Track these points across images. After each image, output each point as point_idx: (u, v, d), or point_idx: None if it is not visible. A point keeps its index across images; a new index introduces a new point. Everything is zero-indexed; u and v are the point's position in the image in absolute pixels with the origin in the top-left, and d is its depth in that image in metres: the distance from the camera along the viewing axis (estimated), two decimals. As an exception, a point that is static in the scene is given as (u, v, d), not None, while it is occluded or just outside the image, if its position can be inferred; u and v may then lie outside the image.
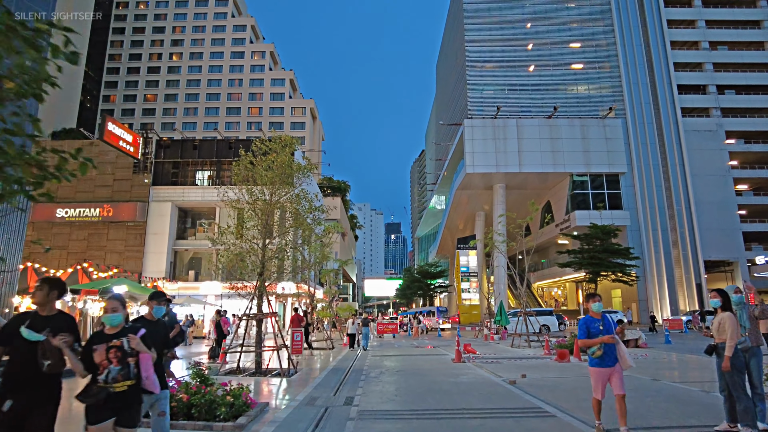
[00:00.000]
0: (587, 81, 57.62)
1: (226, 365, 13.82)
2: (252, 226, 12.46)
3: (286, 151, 12.76)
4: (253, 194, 12.33)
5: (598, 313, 6.01)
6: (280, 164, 12.35)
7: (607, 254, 43.34)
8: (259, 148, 13.03)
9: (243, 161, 12.66)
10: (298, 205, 12.70)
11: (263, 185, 12.32)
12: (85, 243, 30.93)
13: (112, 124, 28.66)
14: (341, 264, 31.62)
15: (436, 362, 14.70)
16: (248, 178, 12.60)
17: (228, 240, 12.44)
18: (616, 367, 5.92)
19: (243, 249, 12.38)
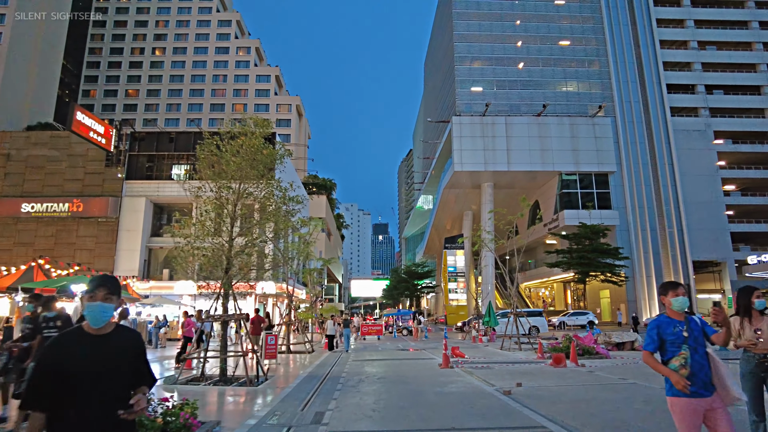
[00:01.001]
0: (577, 79, 57.05)
1: (192, 371, 12.54)
2: (216, 217, 11.18)
3: (257, 134, 11.50)
4: (218, 182, 11.06)
5: (681, 312, 3.66)
6: (249, 148, 11.09)
7: (596, 254, 42.67)
8: (228, 132, 11.78)
9: (207, 145, 11.38)
10: (269, 197, 11.42)
11: (230, 172, 11.05)
12: (53, 240, 29.25)
13: (82, 113, 27.06)
14: (325, 263, 30.33)
15: (421, 367, 13.53)
16: (213, 164, 11.32)
17: (189, 233, 11.15)
18: (714, 398, 3.51)
19: (206, 245, 11.07)
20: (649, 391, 8.81)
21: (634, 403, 7.73)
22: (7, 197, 29.45)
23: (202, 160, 11.47)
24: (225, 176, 11.05)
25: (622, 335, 18.75)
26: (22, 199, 29.26)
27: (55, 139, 30.60)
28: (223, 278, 11.08)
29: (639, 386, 9.41)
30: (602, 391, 8.96)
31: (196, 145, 11.83)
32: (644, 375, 11.09)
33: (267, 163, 11.41)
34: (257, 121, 11.83)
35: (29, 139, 30.44)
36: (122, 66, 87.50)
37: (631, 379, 10.35)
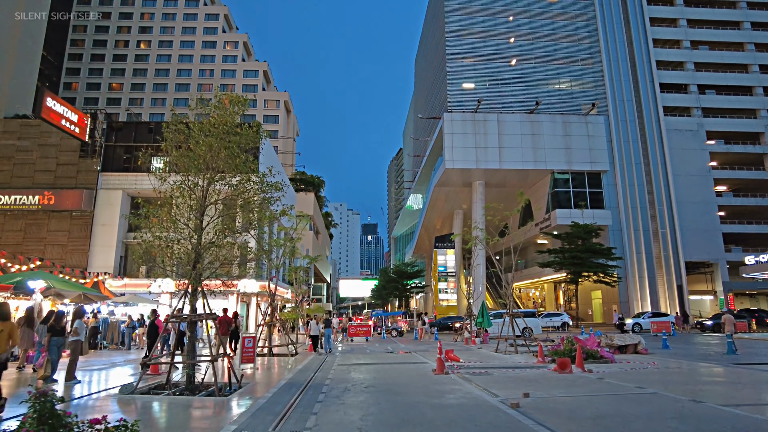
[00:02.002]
0: (570, 77, 56.30)
1: (159, 377, 11.23)
2: (182, 203, 9.87)
3: (230, 110, 10.22)
4: (185, 164, 9.77)
5: None
6: (222, 126, 9.81)
7: (589, 254, 41.89)
8: (198, 108, 10.49)
9: (174, 122, 10.09)
10: (244, 182, 10.13)
11: (199, 152, 9.75)
12: (22, 234, 27.57)
13: (53, 100, 25.45)
14: (311, 260, 28.99)
15: (413, 373, 12.32)
16: (180, 144, 10.03)
17: (153, 223, 9.84)
18: None
19: (171, 236, 9.77)
20: (677, 405, 7.67)
21: (666, 420, 6.59)
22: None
23: (169, 140, 10.16)
24: (194, 157, 9.75)
25: (624, 337, 17.72)
26: (-11, 190, 27.52)
27: (25, 127, 28.92)
28: (190, 273, 9.78)
29: (664, 397, 8.29)
30: (623, 404, 7.82)
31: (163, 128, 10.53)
32: (662, 383, 9.99)
33: (242, 143, 10.11)
34: (232, 97, 10.55)
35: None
36: (106, 59, 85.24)
37: (650, 388, 9.23)
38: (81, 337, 10.43)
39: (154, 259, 10.14)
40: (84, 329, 10.55)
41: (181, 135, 9.94)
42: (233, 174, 9.95)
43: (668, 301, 47.85)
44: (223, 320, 16.86)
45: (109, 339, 20.85)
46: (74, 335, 10.32)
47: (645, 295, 47.60)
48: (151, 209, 9.89)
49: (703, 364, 13.94)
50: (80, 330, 10.43)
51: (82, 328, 10.49)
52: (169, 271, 10.32)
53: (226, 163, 9.79)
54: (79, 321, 10.56)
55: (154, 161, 29.16)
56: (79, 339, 10.38)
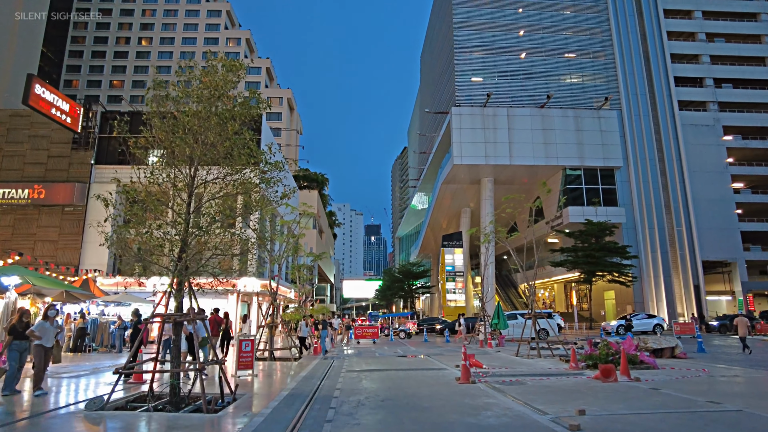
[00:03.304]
0: (581, 70, 54.63)
1: (143, 385, 9.76)
2: (165, 180, 8.41)
3: (223, 75, 8.74)
4: (168, 138, 8.30)
5: None
6: (213, 91, 8.34)
7: (603, 253, 40.28)
8: (185, 75, 9.03)
9: (156, 87, 8.62)
10: (237, 157, 8.63)
11: (184, 121, 8.29)
12: (11, 230, 26.16)
13: (41, 87, 24.01)
14: (315, 258, 27.50)
15: (434, 382, 10.77)
16: (165, 115, 8.55)
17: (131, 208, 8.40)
18: None
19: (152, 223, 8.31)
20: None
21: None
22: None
23: (152, 110, 8.69)
24: (178, 126, 8.28)
25: (659, 340, 16.12)
26: (-23, 184, 26.13)
27: (14, 118, 27.51)
28: (176, 267, 8.29)
29: (756, 418, 6.72)
30: (710, 426, 6.26)
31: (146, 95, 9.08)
32: (734, 395, 8.43)
33: (236, 115, 8.62)
34: (226, 63, 9.06)
35: (-15, 118, 27.30)
36: (107, 56, 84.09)
37: (728, 404, 7.66)
38: (45, 342, 8.88)
39: (130, 248, 8.68)
40: (50, 332, 8.97)
41: (164, 103, 8.46)
42: (226, 146, 8.44)
43: (684, 302, 46.16)
44: (213, 320, 15.39)
45: (99, 341, 19.38)
46: (35, 339, 8.79)
47: (660, 296, 45.87)
48: (128, 187, 8.42)
49: (752, 371, 12.34)
50: (45, 333, 8.89)
51: (47, 331, 8.92)
52: (147, 262, 8.82)
53: (217, 133, 8.29)
54: (41, 322, 8.98)
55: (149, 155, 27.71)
56: (42, 344, 8.84)
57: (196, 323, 11.72)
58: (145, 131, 9.15)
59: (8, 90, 63.33)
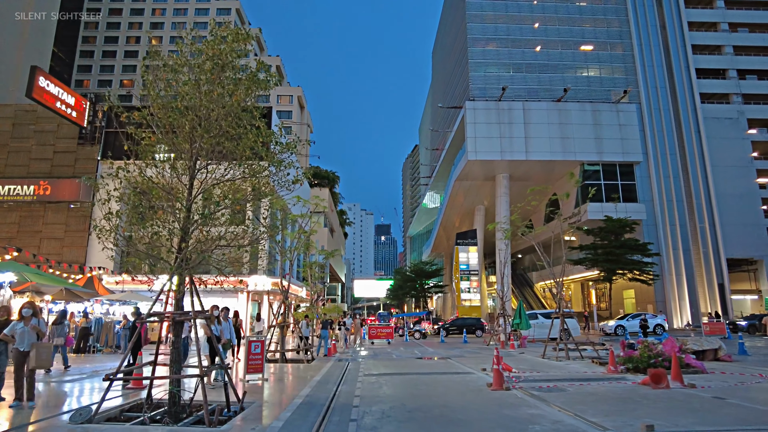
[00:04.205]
0: (598, 63, 53.08)
1: (142, 392, 8.82)
2: (164, 160, 7.49)
3: (229, 43, 7.79)
4: (165, 112, 7.38)
5: None
6: (216, 59, 7.40)
7: (624, 250, 38.87)
8: (186, 45, 8.11)
9: (152, 56, 7.72)
10: (242, 130, 7.69)
11: (184, 92, 7.36)
12: (16, 227, 25.52)
13: (46, 79, 23.31)
14: (327, 256, 26.56)
15: (463, 388, 9.71)
16: (163, 87, 7.63)
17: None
18: None
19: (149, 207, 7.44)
20: None
21: None
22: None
23: (149, 82, 7.76)
24: (178, 100, 7.34)
25: (701, 341, 14.90)
26: (-18, 180, 25.53)
27: (20, 113, 26.89)
28: (175, 259, 7.35)
29: None
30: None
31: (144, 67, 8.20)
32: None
33: (241, 81, 7.67)
34: (231, 32, 8.12)
35: (-9, 113, 26.71)
36: (117, 55, 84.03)
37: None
38: (21, 346, 7.76)
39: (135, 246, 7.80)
40: (25, 334, 7.84)
41: (163, 74, 7.54)
42: (229, 122, 7.48)
43: (708, 301, 44.55)
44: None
45: (103, 341, 18.58)
46: (9, 342, 7.81)
47: (683, 294, 44.30)
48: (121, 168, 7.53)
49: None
50: (25, 336, 7.80)
51: (25, 335, 7.82)
52: (155, 258, 7.92)
53: (220, 106, 7.34)
54: (14, 323, 7.91)
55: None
56: (20, 348, 7.73)
57: (219, 323, 10.67)
58: (144, 113, 8.26)
59: (19, 89, 63.23)
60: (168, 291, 7.67)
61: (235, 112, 7.53)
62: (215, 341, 9.52)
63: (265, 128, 8.36)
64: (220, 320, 10.64)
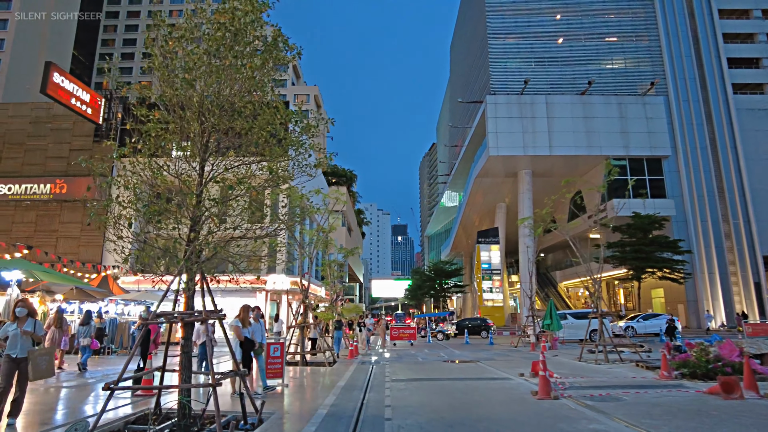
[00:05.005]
0: (623, 54, 51.34)
1: (152, 399, 8.00)
2: (170, 139, 6.71)
3: (243, 11, 6.94)
4: (170, 79, 6.60)
5: None
6: (229, 20, 6.58)
7: (653, 247, 37.27)
8: (196, 16, 7.32)
9: (156, 24, 6.94)
10: (258, 105, 6.87)
11: (192, 64, 6.56)
12: (33, 226, 25.21)
13: (60, 75, 22.92)
14: (347, 254, 25.72)
15: (505, 397, 8.72)
16: (170, 58, 6.85)
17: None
18: None
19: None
20: None
21: None
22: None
23: (154, 53, 7.00)
24: (186, 70, 6.54)
25: (758, 344, 13.63)
26: (-1, 179, 25.29)
27: (36, 111, 26.62)
28: (185, 253, 6.55)
29: None
30: None
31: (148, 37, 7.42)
32: None
33: (256, 47, 6.83)
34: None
35: (7, 111, 26.47)
36: (135, 57, 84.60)
37: None
38: (13, 351, 6.57)
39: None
40: (22, 339, 6.69)
41: (170, 42, 6.75)
42: (243, 95, 6.65)
43: (744, 300, 42.60)
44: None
45: (118, 342, 17.99)
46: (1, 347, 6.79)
47: (716, 294, 42.43)
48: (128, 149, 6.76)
49: None
50: (17, 341, 6.66)
51: (18, 339, 6.65)
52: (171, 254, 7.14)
53: (231, 77, 6.51)
54: (6, 325, 6.83)
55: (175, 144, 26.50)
56: (11, 354, 6.56)
57: (249, 325, 9.59)
58: (150, 92, 7.52)
59: (39, 92, 63.71)
60: (178, 289, 6.88)
61: (250, 86, 6.68)
62: (247, 345, 8.67)
63: (284, 108, 7.52)
64: (250, 321, 9.57)
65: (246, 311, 9.23)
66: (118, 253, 6.70)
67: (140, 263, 6.82)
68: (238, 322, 9.00)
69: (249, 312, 9.37)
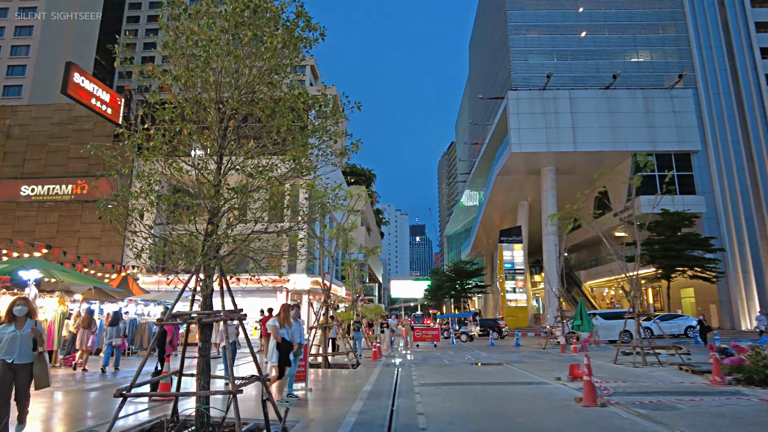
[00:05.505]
0: (649, 47, 49.81)
1: (170, 404, 7.55)
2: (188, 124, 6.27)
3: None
4: (185, 57, 6.17)
5: None
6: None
7: (684, 245, 35.90)
8: None
9: (169, 1, 6.52)
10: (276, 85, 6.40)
11: (206, 38, 6.12)
12: (55, 227, 25.29)
13: (80, 75, 22.90)
14: (368, 253, 25.23)
15: (547, 404, 8.06)
16: (183, 36, 6.44)
17: None
18: None
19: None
20: None
21: None
22: (7, 179, 25.71)
23: (167, 32, 6.60)
24: (201, 48, 6.11)
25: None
26: (22, 180, 25.44)
27: (58, 112, 26.74)
28: (203, 247, 6.08)
29: None
30: None
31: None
32: None
33: (279, 37, 6.33)
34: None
35: (30, 113, 26.63)
36: (155, 61, 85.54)
37: None
38: (9, 356, 5.64)
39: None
40: (22, 342, 5.82)
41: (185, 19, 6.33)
42: (263, 74, 6.16)
43: (781, 301, 40.86)
44: (267, 322, 13.21)
45: (138, 343, 17.76)
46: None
47: (751, 294, 40.75)
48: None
49: None
50: (15, 344, 5.74)
51: (16, 342, 5.74)
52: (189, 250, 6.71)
53: (249, 54, 6.03)
54: (6, 329, 5.82)
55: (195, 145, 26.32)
56: (7, 360, 5.63)
57: (290, 326, 8.97)
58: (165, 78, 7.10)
59: (62, 96, 64.72)
60: (195, 287, 6.44)
61: (271, 66, 6.18)
62: (285, 347, 8.17)
63: (306, 92, 7.02)
64: (290, 322, 8.90)
65: (286, 310, 8.58)
66: (130, 248, 6.23)
67: (153, 258, 6.33)
68: (275, 321, 8.35)
69: (289, 311, 8.79)
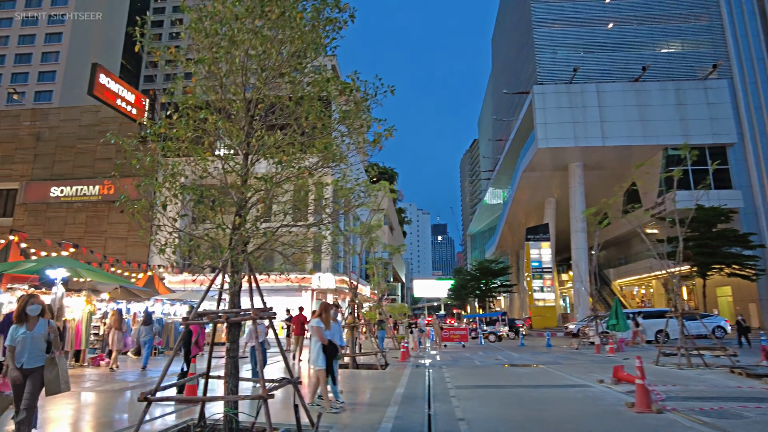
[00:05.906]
0: (680, 37, 48.12)
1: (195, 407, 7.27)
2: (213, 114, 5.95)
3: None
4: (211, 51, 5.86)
5: None
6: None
7: (720, 242, 34.44)
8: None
9: None
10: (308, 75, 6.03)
11: (233, 31, 5.80)
12: (83, 227, 25.58)
13: (106, 77, 23.07)
14: (393, 251, 24.79)
15: (594, 408, 7.49)
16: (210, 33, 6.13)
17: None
18: None
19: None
20: None
21: None
22: (38, 181, 26.12)
23: (195, 26, 6.29)
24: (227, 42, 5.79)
25: None
26: (52, 182, 25.80)
27: (86, 114, 27.08)
28: (230, 241, 5.75)
29: None
30: None
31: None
32: None
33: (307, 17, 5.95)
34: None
35: (59, 116, 27.03)
36: (179, 64, 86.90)
37: None
38: (20, 360, 5.06)
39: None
40: (33, 344, 5.19)
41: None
42: (292, 55, 5.80)
43: (825, 299, 38.98)
44: (297, 320, 13.02)
45: (164, 343, 17.70)
46: None
47: (794, 292, 38.98)
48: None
49: None
50: (26, 346, 5.14)
51: (27, 344, 5.13)
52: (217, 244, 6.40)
53: (276, 34, 5.68)
54: (17, 330, 5.17)
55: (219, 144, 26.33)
56: (16, 364, 5.02)
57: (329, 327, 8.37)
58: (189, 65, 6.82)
59: (90, 99, 66.15)
60: (222, 284, 6.12)
61: (300, 46, 5.80)
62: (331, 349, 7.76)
63: (335, 78, 6.63)
64: (329, 323, 8.26)
65: (327, 310, 7.88)
66: (154, 243, 5.91)
67: (178, 253, 6.00)
68: (319, 322, 7.69)
69: (330, 311, 8.17)
